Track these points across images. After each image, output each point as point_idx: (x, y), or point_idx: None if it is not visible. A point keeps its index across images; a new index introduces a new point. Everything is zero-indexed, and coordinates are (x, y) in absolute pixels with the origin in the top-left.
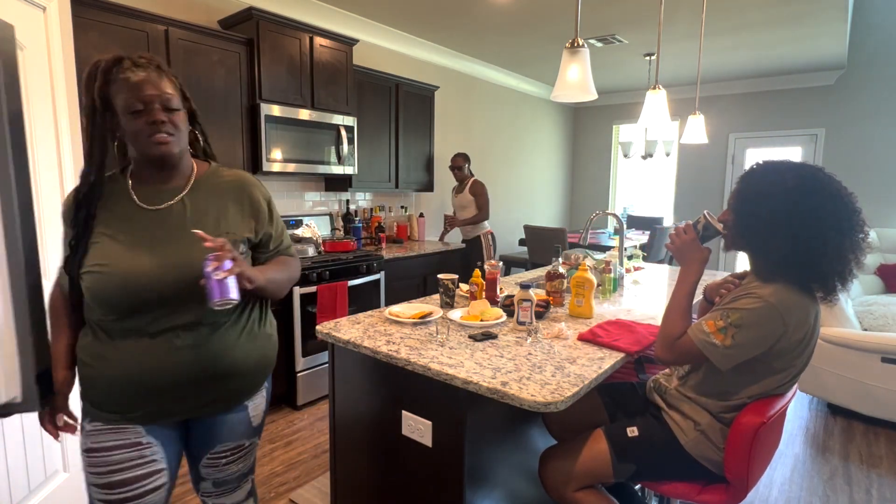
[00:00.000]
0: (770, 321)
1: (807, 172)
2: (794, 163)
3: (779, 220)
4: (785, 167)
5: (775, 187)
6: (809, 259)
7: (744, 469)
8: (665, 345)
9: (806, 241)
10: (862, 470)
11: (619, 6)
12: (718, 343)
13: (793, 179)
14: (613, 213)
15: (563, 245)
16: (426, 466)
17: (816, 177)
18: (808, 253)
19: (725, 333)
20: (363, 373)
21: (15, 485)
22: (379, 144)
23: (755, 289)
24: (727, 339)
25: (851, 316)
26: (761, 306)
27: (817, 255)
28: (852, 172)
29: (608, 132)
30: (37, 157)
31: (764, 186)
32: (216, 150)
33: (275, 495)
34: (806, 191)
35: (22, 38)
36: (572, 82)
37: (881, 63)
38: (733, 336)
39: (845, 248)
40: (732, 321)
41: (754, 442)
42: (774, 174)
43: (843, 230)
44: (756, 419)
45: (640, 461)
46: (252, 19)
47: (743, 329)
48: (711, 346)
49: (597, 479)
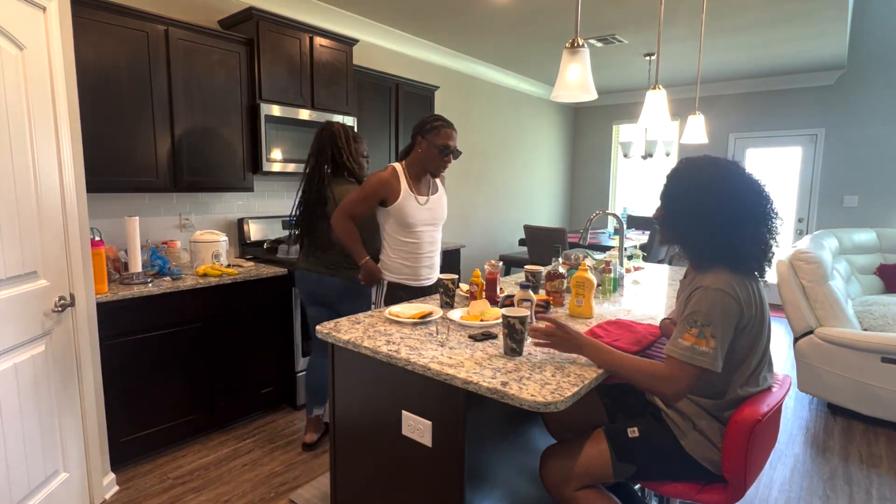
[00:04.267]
0: (727, 303)
1: (721, 167)
2: (712, 158)
3: (700, 213)
4: (703, 163)
5: (693, 185)
6: (730, 245)
7: (741, 467)
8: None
9: (726, 230)
10: (862, 470)
11: (619, 6)
12: (705, 348)
13: (709, 175)
14: (613, 213)
15: (563, 245)
16: (426, 466)
17: (730, 170)
18: (728, 240)
19: (704, 336)
20: (363, 373)
21: (15, 485)
22: (379, 144)
23: (698, 282)
24: (709, 340)
25: (851, 316)
26: (713, 295)
27: (736, 240)
28: (852, 172)
29: (608, 132)
30: (37, 157)
31: (684, 184)
32: (216, 150)
33: (275, 495)
34: (721, 184)
35: (22, 38)
36: (572, 82)
37: (881, 63)
38: (711, 334)
39: (761, 234)
40: (701, 322)
41: (751, 439)
42: (693, 171)
43: (758, 218)
44: (752, 416)
45: (640, 461)
46: (252, 19)
47: (714, 324)
48: (702, 355)
49: (597, 478)
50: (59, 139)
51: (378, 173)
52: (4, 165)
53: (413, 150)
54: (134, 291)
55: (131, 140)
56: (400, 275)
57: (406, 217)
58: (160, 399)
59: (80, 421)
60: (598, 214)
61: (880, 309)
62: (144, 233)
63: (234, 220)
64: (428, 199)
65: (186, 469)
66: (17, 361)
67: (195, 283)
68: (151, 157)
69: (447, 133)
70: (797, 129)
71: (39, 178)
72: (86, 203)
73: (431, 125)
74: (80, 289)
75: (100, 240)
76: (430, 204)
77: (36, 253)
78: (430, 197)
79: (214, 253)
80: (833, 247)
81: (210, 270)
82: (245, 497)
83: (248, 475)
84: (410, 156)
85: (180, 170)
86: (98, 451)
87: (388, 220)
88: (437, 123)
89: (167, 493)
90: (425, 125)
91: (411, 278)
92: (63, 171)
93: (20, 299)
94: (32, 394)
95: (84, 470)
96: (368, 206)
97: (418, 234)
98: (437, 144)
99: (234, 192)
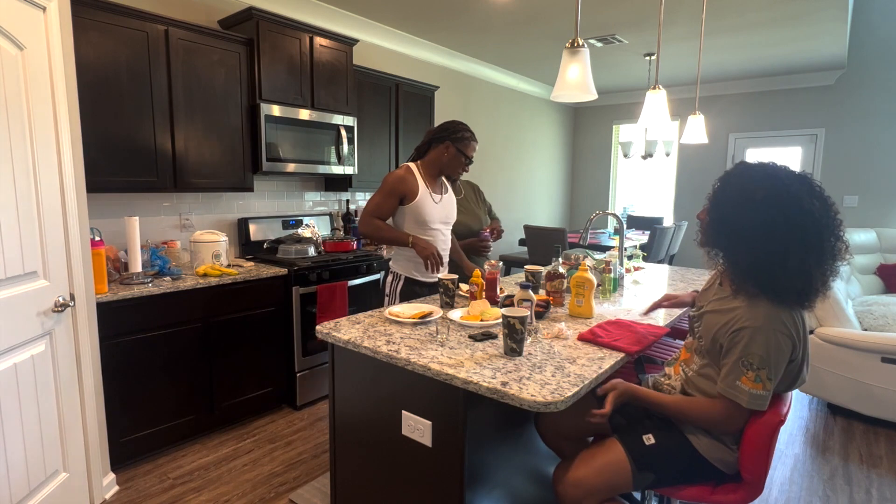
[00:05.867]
0: (782, 344)
1: (779, 185)
2: (770, 170)
3: (743, 232)
4: (759, 176)
5: (744, 197)
6: (769, 272)
7: (762, 466)
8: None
9: (768, 255)
10: (862, 470)
11: (619, 6)
12: (762, 392)
13: (762, 191)
14: (613, 213)
15: (563, 245)
16: (426, 466)
17: (789, 191)
18: (769, 266)
19: (761, 380)
20: (363, 373)
21: (15, 485)
22: (379, 144)
23: (747, 319)
24: (766, 383)
25: (851, 316)
26: (769, 337)
27: (777, 269)
28: (852, 172)
29: (608, 132)
30: (37, 157)
31: (734, 195)
32: (216, 150)
33: (275, 495)
34: (772, 205)
35: (22, 38)
36: (572, 82)
37: (881, 63)
38: (767, 377)
39: (808, 265)
40: (757, 365)
41: (772, 440)
42: (748, 182)
43: (809, 246)
44: (774, 418)
45: (658, 469)
46: (252, 19)
47: (769, 367)
48: (758, 398)
49: (616, 490)
50: (59, 139)
51: (395, 172)
52: (4, 165)
53: (432, 150)
54: (134, 291)
55: (131, 140)
56: (416, 272)
57: (423, 214)
58: (160, 399)
59: (80, 421)
60: (598, 214)
61: (880, 309)
62: (144, 233)
63: (234, 220)
64: (441, 198)
65: (186, 469)
66: (18, 361)
67: (195, 283)
68: (151, 157)
69: (473, 146)
70: (797, 129)
71: (39, 178)
72: (86, 203)
73: (463, 135)
74: (80, 289)
75: (100, 240)
76: (444, 202)
77: (36, 253)
78: (442, 196)
79: (214, 253)
80: None
81: (210, 270)
82: (245, 497)
83: (248, 475)
84: (428, 156)
85: (180, 170)
86: (98, 451)
87: (405, 219)
88: (467, 135)
89: (167, 493)
90: (456, 132)
91: (427, 275)
92: (63, 171)
93: (20, 299)
94: (32, 393)
95: (84, 470)
96: (391, 203)
97: (434, 231)
98: (465, 153)
99: (234, 192)
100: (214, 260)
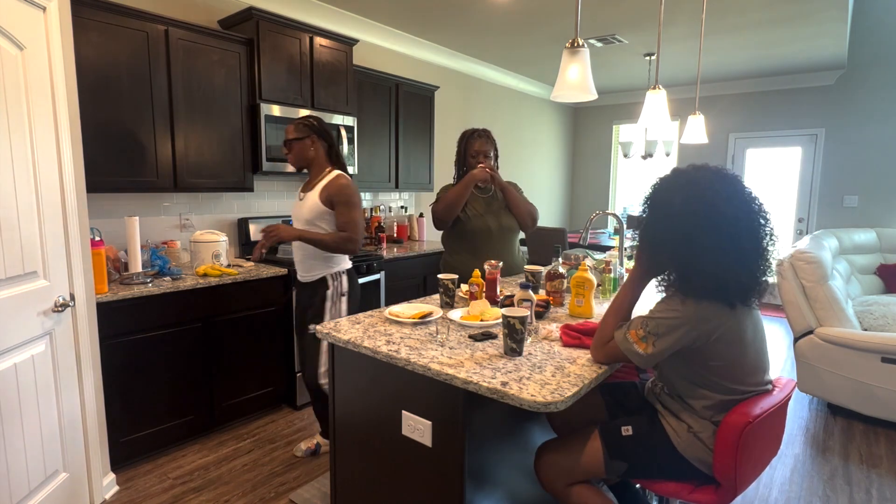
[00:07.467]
0: (681, 330)
1: (695, 194)
2: (689, 178)
3: (662, 239)
4: (678, 185)
5: (663, 208)
6: (686, 275)
7: (731, 469)
8: (597, 345)
9: (683, 259)
10: (862, 470)
11: (619, 6)
12: (641, 351)
13: (680, 203)
14: (613, 213)
15: (563, 245)
16: (426, 466)
17: (703, 198)
18: (685, 269)
19: (647, 342)
20: (363, 373)
21: (15, 485)
22: (379, 144)
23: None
24: (648, 346)
25: (851, 316)
26: (673, 318)
27: (692, 272)
28: (852, 172)
29: (608, 132)
30: (37, 157)
31: (656, 204)
32: (216, 150)
33: (275, 495)
34: (687, 214)
35: (22, 38)
36: (572, 82)
37: (881, 63)
38: (654, 343)
39: (725, 267)
40: (650, 329)
41: (740, 442)
42: (666, 193)
43: (725, 250)
44: (741, 419)
45: (631, 459)
46: (252, 19)
47: (660, 337)
48: (635, 354)
49: (589, 474)
50: (59, 139)
51: None
52: (4, 165)
53: None
54: (134, 291)
55: (131, 140)
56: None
57: None
58: (160, 399)
59: (81, 421)
60: (598, 214)
61: (880, 309)
62: (144, 233)
63: (234, 220)
64: None
65: (186, 469)
66: (18, 361)
67: (195, 283)
68: (151, 157)
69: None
70: (797, 129)
71: (39, 178)
72: (86, 203)
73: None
74: (80, 289)
75: (100, 240)
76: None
77: (36, 253)
78: None
79: (214, 253)
80: (833, 247)
81: (210, 270)
82: (245, 497)
83: (248, 475)
84: None
85: (180, 170)
86: (98, 451)
87: None
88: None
89: (167, 493)
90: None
91: None
92: (63, 171)
93: (20, 299)
94: (32, 393)
95: (84, 470)
96: None
97: None
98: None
99: (234, 192)
100: (214, 260)
